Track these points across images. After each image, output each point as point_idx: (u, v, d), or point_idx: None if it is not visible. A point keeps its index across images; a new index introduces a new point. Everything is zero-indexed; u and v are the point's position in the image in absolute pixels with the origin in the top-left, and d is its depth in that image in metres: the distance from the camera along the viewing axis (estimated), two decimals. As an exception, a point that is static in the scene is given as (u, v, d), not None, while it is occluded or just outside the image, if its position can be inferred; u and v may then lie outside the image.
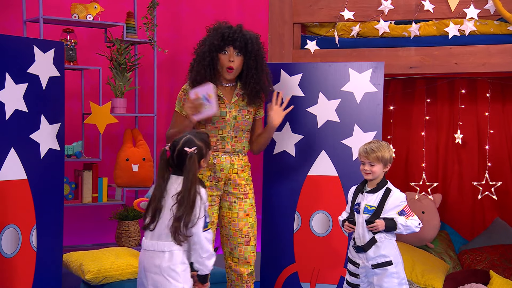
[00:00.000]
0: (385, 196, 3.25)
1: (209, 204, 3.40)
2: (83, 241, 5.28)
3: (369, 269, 3.27)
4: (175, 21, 5.71)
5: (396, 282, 3.26)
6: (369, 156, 3.24)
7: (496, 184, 5.02)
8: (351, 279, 3.36)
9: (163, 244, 2.93)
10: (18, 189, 3.46)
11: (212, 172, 3.42)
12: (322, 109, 3.93)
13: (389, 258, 3.26)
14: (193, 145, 2.94)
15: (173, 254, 2.92)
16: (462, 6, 4.01)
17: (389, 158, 3.27)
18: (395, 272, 3.26)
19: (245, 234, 3.50)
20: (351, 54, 4.27)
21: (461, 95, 5.40)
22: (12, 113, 3.41)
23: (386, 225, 3.20)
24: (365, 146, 3.29)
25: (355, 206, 3.32)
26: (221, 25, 3.44)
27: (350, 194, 3.40)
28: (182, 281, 2.91)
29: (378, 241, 3.24)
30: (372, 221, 3.21)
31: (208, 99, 3.31)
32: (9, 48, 3.40)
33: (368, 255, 3.25)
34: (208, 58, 3.38)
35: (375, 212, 3.23)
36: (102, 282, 3.93)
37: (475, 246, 5.27)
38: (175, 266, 2.91)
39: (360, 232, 3.27)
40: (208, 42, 3.41)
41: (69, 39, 4.85)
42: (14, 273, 3.44)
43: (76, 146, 4.80)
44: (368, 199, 3.27)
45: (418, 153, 5.45)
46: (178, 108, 3.49)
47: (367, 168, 3.26)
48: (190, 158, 2.92)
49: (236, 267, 3.51)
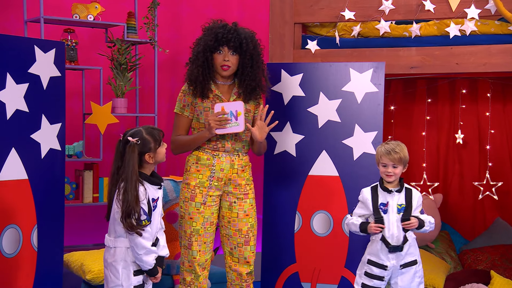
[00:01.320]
0: (409, 194, 3.27)
1: (209, 204, 3.41)
2: (84, 241, 5.28)
3: (396, 270, 3.27)
4: (175, 21, 5.72)
5: (418, 281, 3.31)
6: (393, 158, 3.21)
7: (497, 184, 5.02)
8: (372, 282, 3.30)
9: (109, 240, 3.02)
10: (19, 189, 3.46)
11: (212, 172, 3.42)
12: (322, 109, 3.93)
13: (415, 257, 3.30)
14: (137, 136, 2.97)
15: (116, 250, 2.98)
16: (463, 6, 4.01)
17: (407, 159, 3.26)
18: (419, 271, 3.31)
19: (245, 234, 3.50)
20: (352, 54, 4.27)
21: (462, 95, 5.40)
22: (13, 113, 3.41)
23: (419, 223, 3.23)
24: (386, 148, 3.24)
25: (380, 206, 3.28)
26: (216, 24, 3.43)
27: (367, 195, 3.30)
28: (121, 278, 2.97)
29: (409, 239, 3.25)
30: (407, 219, 3.22)
31: (236, 116, 3.34)
32: (10, 48, 3.40)
33: (401, 254, 3.25)
34: (202, 58, 3.38)
35: (405, 210, 3.24)
36: (102, 282, 3.93)
37: (476, 246, 5.27)
38: (116, 263, 2.98)
39: (394, 232, 3.24)
40: (203, 42, 3.41)
41: (70, 39, 4.85)
42: (15, 273, 3.45)
43: (77, 146, 4.80)
44: (399, 198, 3.26)
45: (419, 153, 5.44)
46: (179, 109, 3.48)
47: (390, 170, 3.22)
48: (129, 147, 2.94)
49: (235, 266, 3.52)
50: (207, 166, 3.41)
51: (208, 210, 3.42)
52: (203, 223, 3.41)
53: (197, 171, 3.42)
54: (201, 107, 3.43)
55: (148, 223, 2.96)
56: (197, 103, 3.44)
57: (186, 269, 3.45)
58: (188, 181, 3.43)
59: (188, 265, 3.44)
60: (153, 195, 3.03)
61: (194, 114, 3.46)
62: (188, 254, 3.42)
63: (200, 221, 3.41)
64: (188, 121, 3.48)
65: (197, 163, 3.43)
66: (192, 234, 3.40)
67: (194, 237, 3.40)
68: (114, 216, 2.98)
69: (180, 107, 3.47)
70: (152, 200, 3.01)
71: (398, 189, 3.27)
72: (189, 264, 3.44)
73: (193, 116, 3.47)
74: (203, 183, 3.41)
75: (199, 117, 3.44)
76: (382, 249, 3.25)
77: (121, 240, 2.98)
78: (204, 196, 3.40)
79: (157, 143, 3.03)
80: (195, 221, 3.40)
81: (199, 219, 3.40)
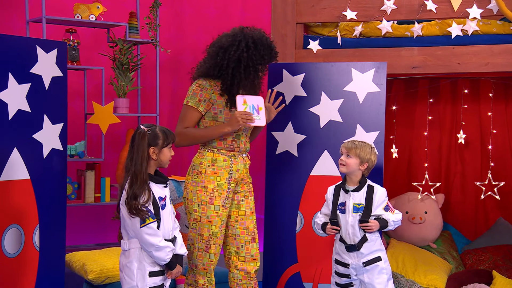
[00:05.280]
0: (370, 193, 3.27)
1: (226, 207, 3.41)
2: (86, 241, 5.28)
3: (360, 268, 3.28)
4: (177, 21, 5.71)
5: (385, 278, 3.30)
6: (348, 149, 3.28)
7: (499, 184, 5.01)
8: (341, 280, 3.36)
9: (124, 243, 3.03)
10: (21, 189, 3.47)
11: (229, 174, 3.41)
12: (324, 109, 3.93)
13: (378, 254, 3.30)
14: (150, 128, 3.00)
15: (130, 252, 2.99)
16: (465, 6, 4.00)
17: (367, 158, 3.27)
18: (385, 267, 3.30)
19: (251, 232, 3.50)
20: (353, 54, 4.27)
21: (464, 95, 5.40)
22: (15, 113, 3.41)
23: (380, 224, 3.24)
24: (349, 141, 3.34)
25: (338, 207, 3.32)
26: (264, 35, 3.44)
27: (329, 194, 3.38)
28: (136, 279, 2.97)
29: (369, 238, 3.26)
30: (366, 221, 3.22)
31: (258, 110, 3.38)
32: (12, 48, 3.40)
33: (361, 253, 3.27)
34: (253, 69, 3.38)
35: (364, 210, 3.25)
36: (104, 282, 3.94)
37: (478, 246, 5.26)
38: (130, 264, 2.98)
39: (350, 232, 3.27)
40: (257, 55, 3.38)
41: (71, 39, 4.85)
42: (17, 273, 3.45)
43: (78, 146, 4.80)
44: (355, 197, 3.28)
45: (421, 153, 5.44)
46: (194, 103, 3.40)
47: (343, 158, 3.29)
48: (139, 134, 2.98)
49: (242, 265, 3.50)
50: (225, 167, 3.39)
51: (225, 212, 3.41)
52: (220, 226, 3.40)
53: (214, 174, 3.38)
54: (221, 105, 3.41)
55: (152, 221, 2.95)
56: (216, 101, 3.41)
57: (200, 272, 3.43)
58: (205, 184, 3.38)
59: (202, 268, 3.41)
60: (160, 194, 3.03)
61: (208, 111, 3.43)
62: (205, 257, 3.39)
63: (218, 224, 3.39)
64: (199, 116, 3.43)
65: (213, 165, 3.39)
66: (210, 238, 3.38)
67: (212, 241, 3.38)
68: (124, 218, 2.98)
69: (196, 101, 3.40)
70: (159, 199, 3.01)
71: (356, 188, 3.28)
72: (203, 267, 3.41)
73: (206, 113, 3.43)
74: (222, 186, 3.38)
75: (217, 116, 3.41)
76: (342, 248, 3.31)
77: (134, 241, 2.98)
78: (223, 199, 3.39)
79: (166, 143, 3.03)
80: (214, 224, 3.38)
81: (218, 222, 3.39)
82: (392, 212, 3.28)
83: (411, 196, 5.28)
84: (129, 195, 2.92)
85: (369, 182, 3.31)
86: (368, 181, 3.32)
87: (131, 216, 2.93)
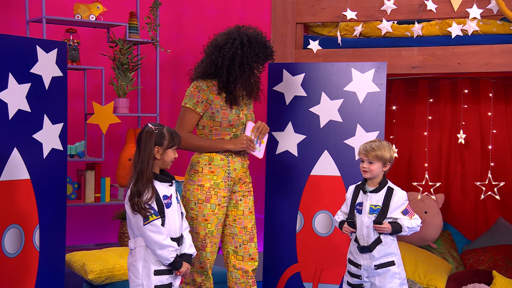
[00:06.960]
0: (389, 195, 3.23)
1: (222, 205, 3.41)
2: (86, 241, 5.29)
3: (371, 270, 3.26)
4: (177, 21, 5.71)
5: (398, 282, 3.26)
6: (368, 154, 3.22)
7: (499, 184, 5.02)
8: (353, 280, 3.34)
9: (130, 242, 3.04)
10: (21, 189, 3.47)
11: (226, 173, 3.42)
12: (324, 109, 3.93)
13: (392, 258, 3.25)
14: (158, 128, 3.02)
15: (136, 250, 3.00)
16: (465, 6, 4.00)
17: (389, 157, 3.24)
18: (398, 272, 3.26)
19: (250, 231, 3.51)
20: (353, 54, 4.27)
21: (464, 95, 5.40)
22: (15, 113, 3.41)
23: (393, 229, 3.19)
24: (365, 144, 3.27)
25: (356, 206, 3.30)
26: (261, 34, 3.42)
27: (349, 194, 3.36)
28: (141, 277, 2.98)
29: (383, 241, 3.23)
30: (380, 222, 3.19)
31: (260, 143, 3.47)
32: (12, 48, 3.40)
33: (373, 255, 3.24)
34: (248, 68, 3.38)
35: (381, 212, 3.21)
36: (104, 282, 3.94)
37: (478, 246, 5.26)
38: (136, 262, 2.99)
39: (364, 233, 3.25)
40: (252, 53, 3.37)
41: (71, 39, 4.85)
42: (17, 273, 3.45)
43: (79, 146, 4.80)
44: (372, 199, 3.25)
45: (421, 153, 5.44)
46: (191, 105, 3.40)
47: (365, 166, 3.24)
48: (147, 132, 3.00)
49: (240, 265, 3.51)
50: (221, 167, 3.40)
51: (221, 211, 3.41)
52: (217, 224, 3.41)
53: (211, 172, 3.40)
54: (218, 105, 3.41)
55: (156, 218, 2.96)
56: (213, 101, 3.42)
57: (197, 271, 3.44)
58: (201, 182, 3.39)
59: (199, 266, 3.43)
60: (165, 192, 3.03)
61: (205, 112, 3.43)
62: (201, 255, 3.40)
63: (214, 223, 3.40)
64: (198, 118, 3.44)
65: (210, 164, 3.40)
66: (206, 236, 3.38)
67: (208, 239, 3.39)
68: (128, 216, 2.99)
69: (193, 103, 3.41)
70: (164, 197, 3.01)
71: (374, 189, 3.25)
72: (200, 266, 3.42)
73: (203, 114, 3.43)
74: (218, 185, 3.39)
75: (214, 115, 3.41)
76: (355, 248, 3.29)
77: (139, 239, 2.99)
78: (219, 197, 3.40)
79: (171, 144, 3.04)
80: (210, 223, 3.38)
81: (214, 220, 3.39)
82: (410, 216, 3.22)
83: (411, 196, 5.28)
84: (133, 192, 2.94)
85: (389, 184, 3.27)
86: (389, 182, 3.27)
87: (134, 213, 2.94)
